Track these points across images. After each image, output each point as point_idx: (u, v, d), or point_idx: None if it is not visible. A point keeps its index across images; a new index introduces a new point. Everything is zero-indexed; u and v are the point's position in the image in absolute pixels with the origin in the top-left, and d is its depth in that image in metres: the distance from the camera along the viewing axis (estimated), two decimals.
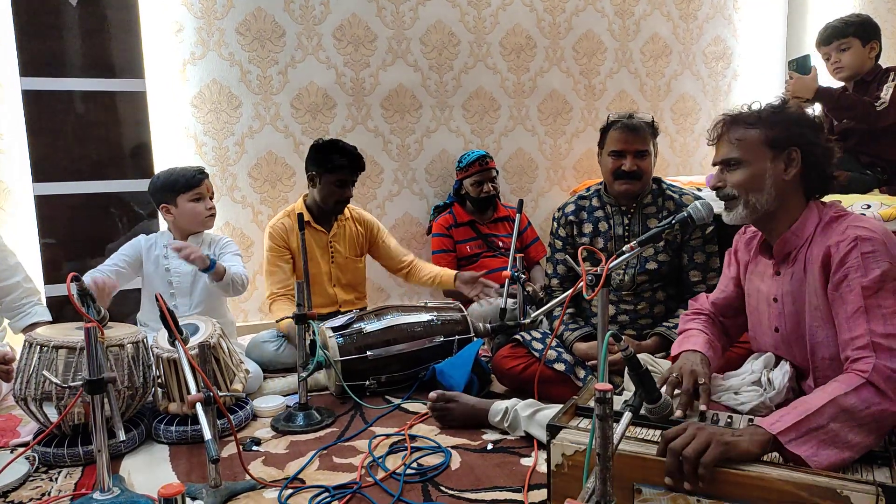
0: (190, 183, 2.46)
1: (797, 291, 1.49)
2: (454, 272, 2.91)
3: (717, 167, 1.56)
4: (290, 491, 1.66)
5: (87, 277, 2.15)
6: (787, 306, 1.52)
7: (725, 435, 1.22)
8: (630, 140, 2.14)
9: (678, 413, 1.44)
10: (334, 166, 2.71)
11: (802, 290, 1.48)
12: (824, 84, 2.53)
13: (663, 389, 1.55)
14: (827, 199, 1.54)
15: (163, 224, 2.77)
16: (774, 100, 1.54)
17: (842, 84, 2.62)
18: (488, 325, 2.36)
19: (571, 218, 2.33)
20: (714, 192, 1.58)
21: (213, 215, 2.54)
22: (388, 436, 2.00)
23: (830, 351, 1.44)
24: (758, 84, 4.22)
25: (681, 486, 1.22)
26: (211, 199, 2.53)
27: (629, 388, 1.64)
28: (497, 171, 3.32)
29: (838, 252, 1.38)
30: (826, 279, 1.41)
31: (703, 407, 1.45)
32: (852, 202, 2.26)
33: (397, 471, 1.75)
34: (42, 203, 2.73)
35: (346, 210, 2.90)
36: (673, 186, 2.29)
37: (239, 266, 2.47)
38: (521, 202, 2.64)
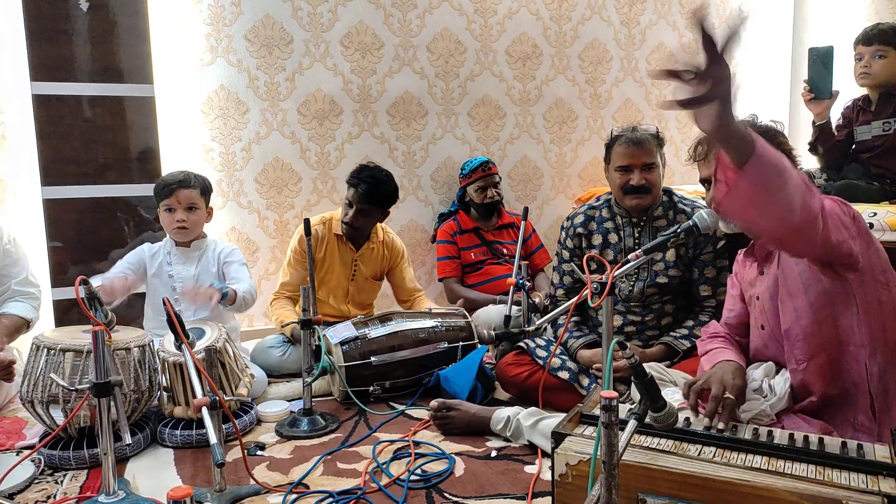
0: (161, 193, 2.39)
1: (773, 286, 1.59)
2: None
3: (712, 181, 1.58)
4: (294, 496, 1.66)
5: (97, 280, 2.16)
6: (766, 302, 1.61)
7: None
8: (636, 154, 2.13)
9: (706, 422, 1.40)
10: (349, 184, 2.68)
11: (776, 285, 1.58)
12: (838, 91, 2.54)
13: (677, 396, 1.55)
14: None
15: None
16: (747, 117, 1.62)
17: (864, 92, 2.58)
18: (493, 332, 2.37)
19: (580, 230, 2.30)
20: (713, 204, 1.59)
21: (183, 228, 2.40)
22: (392, 442, 2.00)
23: (801, 324, 1.51)
24: (762, 94, 4.22)
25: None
26: (190, 210, 2.40)
27: (634, 397, 1.64)
28: (500, 178, 3.33)
29: None
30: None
31: (720, 425, 1.38)
32: (860, 210, 2.25)
33: (401, 477, 1.75)
34: (50, 206, 2.75)
35: (380, 232, 2.85)
36: (685, 199, 2.26)
37: (246, 279, 2.44)
38: (525, 209, 2.64)
